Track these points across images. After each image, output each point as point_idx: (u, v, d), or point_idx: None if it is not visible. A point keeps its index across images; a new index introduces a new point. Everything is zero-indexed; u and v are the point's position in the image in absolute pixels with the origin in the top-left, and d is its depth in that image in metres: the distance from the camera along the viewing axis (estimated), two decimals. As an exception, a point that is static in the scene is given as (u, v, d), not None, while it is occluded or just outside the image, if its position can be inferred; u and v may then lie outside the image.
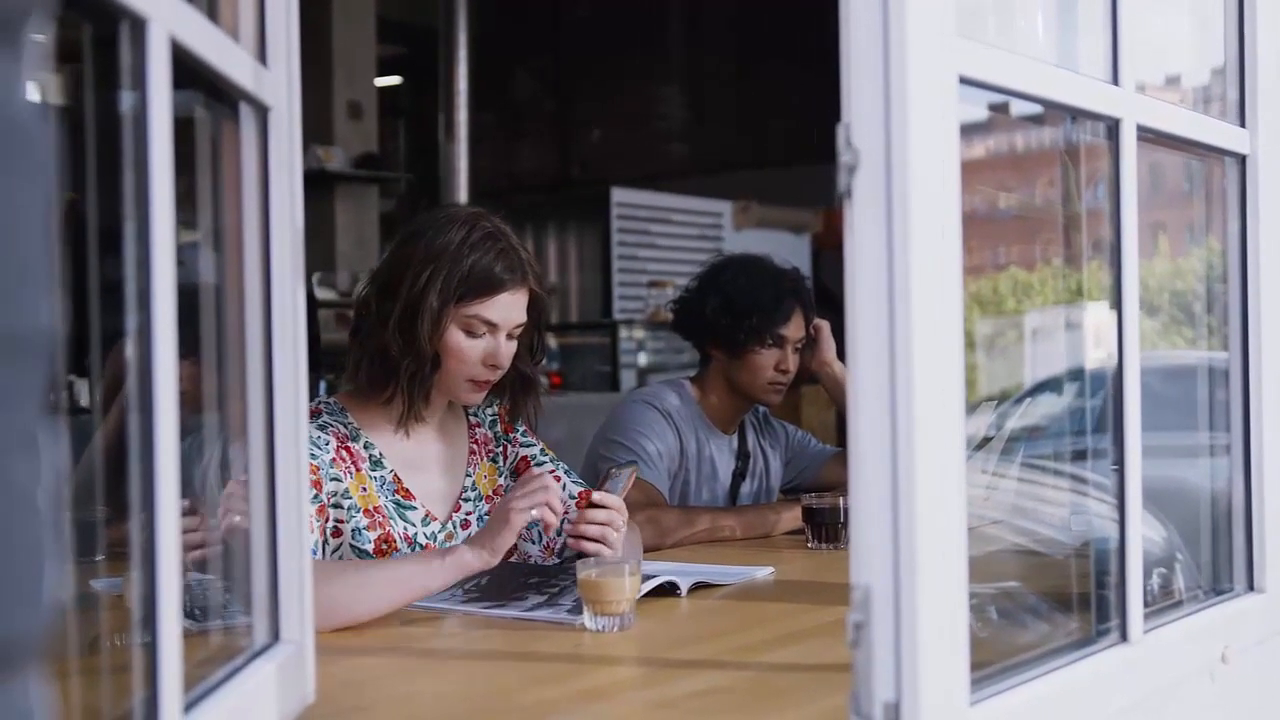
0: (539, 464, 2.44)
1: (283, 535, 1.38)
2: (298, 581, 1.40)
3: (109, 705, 1.17)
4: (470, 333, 2.21)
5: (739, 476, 3.15)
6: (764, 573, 2.37)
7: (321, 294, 6.97)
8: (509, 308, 2.24)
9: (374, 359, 2.22)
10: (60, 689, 0.72)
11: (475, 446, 2.40)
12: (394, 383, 2.22)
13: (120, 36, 1.00)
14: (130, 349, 1.02)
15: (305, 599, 1.41)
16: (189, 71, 1.12)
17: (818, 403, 6.69)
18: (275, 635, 1.38)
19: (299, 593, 1.40)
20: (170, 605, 1.02)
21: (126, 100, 1.02)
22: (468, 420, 2.42)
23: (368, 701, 1.59)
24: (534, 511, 1.99)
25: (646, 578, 2.04)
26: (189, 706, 1.10)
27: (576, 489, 2.40)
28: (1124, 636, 1.52)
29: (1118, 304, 1.54)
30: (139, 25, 1.00)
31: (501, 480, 2.41)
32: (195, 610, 1.35)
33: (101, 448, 1.96)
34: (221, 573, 1.46)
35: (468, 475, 2.36)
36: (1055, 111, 1.60)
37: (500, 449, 2.44)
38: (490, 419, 2.45)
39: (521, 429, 2.47)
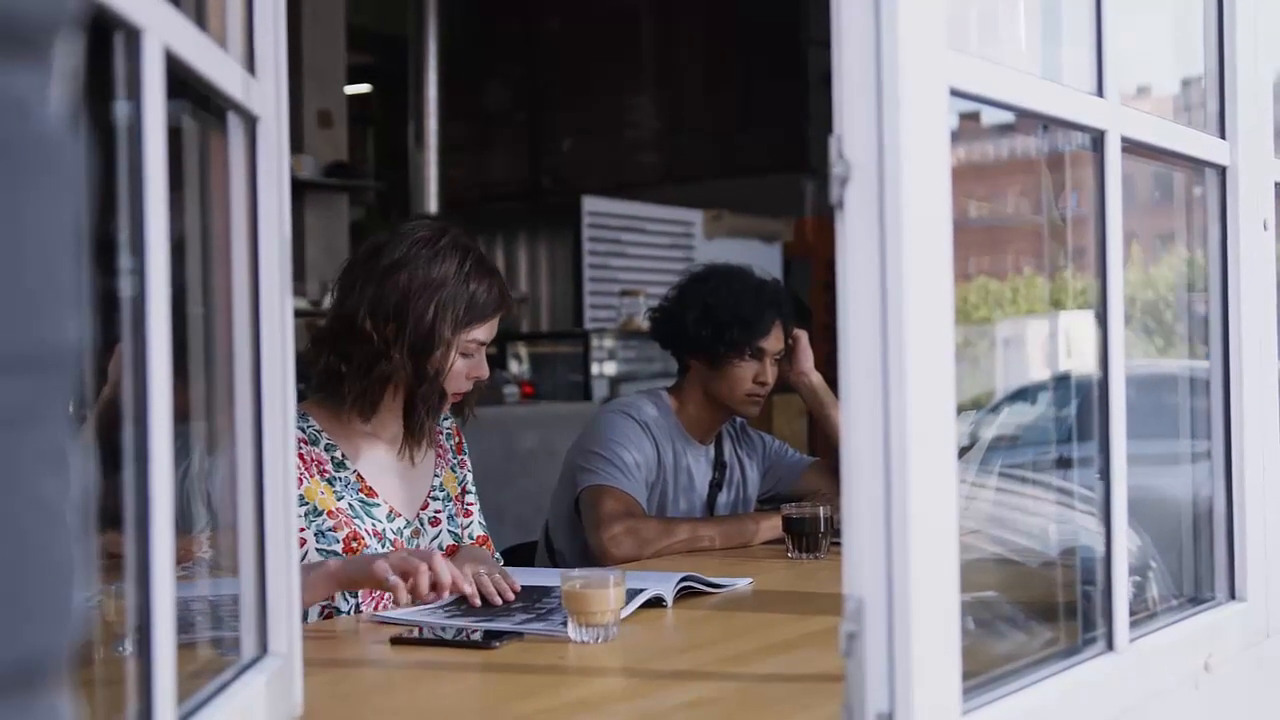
0: (468, 492, 2.54)
1: (270, 548, 1.38)
2: (286, 594, 1.39)
3: (99, 718, 1.16)
4: (465, 354, 2.32)
5: (716, 487, 3.15)
6: (744, 583, 2.37)
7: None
8: (495, 326, 2.36)
9: (377, 385, 2.28)
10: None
11: (440, 450, 2.48)
12: (375, 405, 2.30)
13: (114, 46, 1.00)
14: (124, 360, 1.02)
15: (294, 612, 1.40)
16: (178, 81, 1.12)
17: (788, 412, 6.71)
18: (263, 648, 1.37)
19: (287, 606, 1.39)
20: (165, 619, 1.01)
21: (120, 110, 1.01)
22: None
23: (355, 715, 1.59)
24: (391, 578, 1.96)
25: (632, 591, 2.04)
26: (180, 721, 1.09)
27: (479, 531, 2.47)
28: (1110, 645, 1.53)
29: (1103, 314, 1.55)
30: (134, 35, 0.99)
31: (460, 488, 2.50)
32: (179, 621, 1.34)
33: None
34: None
35: (435, 475, 2.45)
36: (1027, 120, 1.61)
37: (458, 460, 2.53)
38: (446, 432, 2.53)
39: (461, 456, 2.54)
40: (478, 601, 2.08)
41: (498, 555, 2.52)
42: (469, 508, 2.51)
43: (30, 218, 0.57)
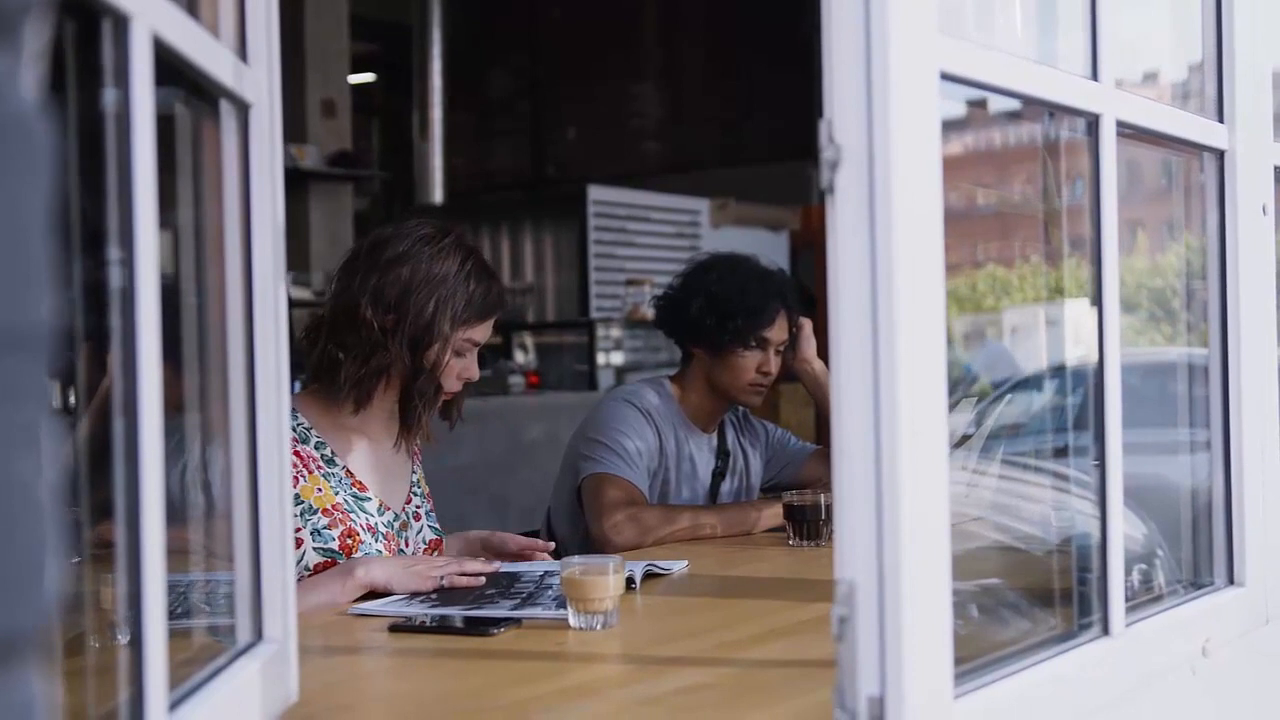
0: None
1: (265, 535, 1.38)
2: (280, 580, 1.39)
3: (93, 705, 1.17)
4: (458, 353, 2.34)
5: (719, 475, 3.15)
6: (680, 565, 2.39)
7: (295, 293, 6.95)
8: (490, 329, 2.39)
9: (373, 375, 2.29)
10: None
11: (416, 450, 2.51)
12: (369, 396, 2.31)
13: (102, 33, 1.00)
14: (112, 350, 1.02)
15: (288, 598, 1.40)
16: (169, 68, 1.12)
17: (795, 400, 6.71)
18: (258, 634, 1.37)
19: (282, 592, 1.39)
20: (155, 606, 1.01)
21: (108, 97, 1.02)
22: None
23: (350, 701, 1.59)
24: (444, 582, 2.14)
25: None
26: (173, 705, 1.09)
27: (431, 535, 2.48)
28: (1106, 630, 1.53)
29: (1098, 300, 1.55)
30: (121, 22, 0.99)
31: (427, 487, 2.55)
32: (174, 608, 1.35)
33: (80, 448, 1.97)
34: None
35: (414, 472, 2.49)
36: (1034, 107, 1.61)
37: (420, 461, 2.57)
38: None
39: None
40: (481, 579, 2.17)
41: None
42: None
43: (0, 199, 0.57)
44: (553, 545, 2.51)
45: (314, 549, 2.23)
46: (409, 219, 2.40)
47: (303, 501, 2.23)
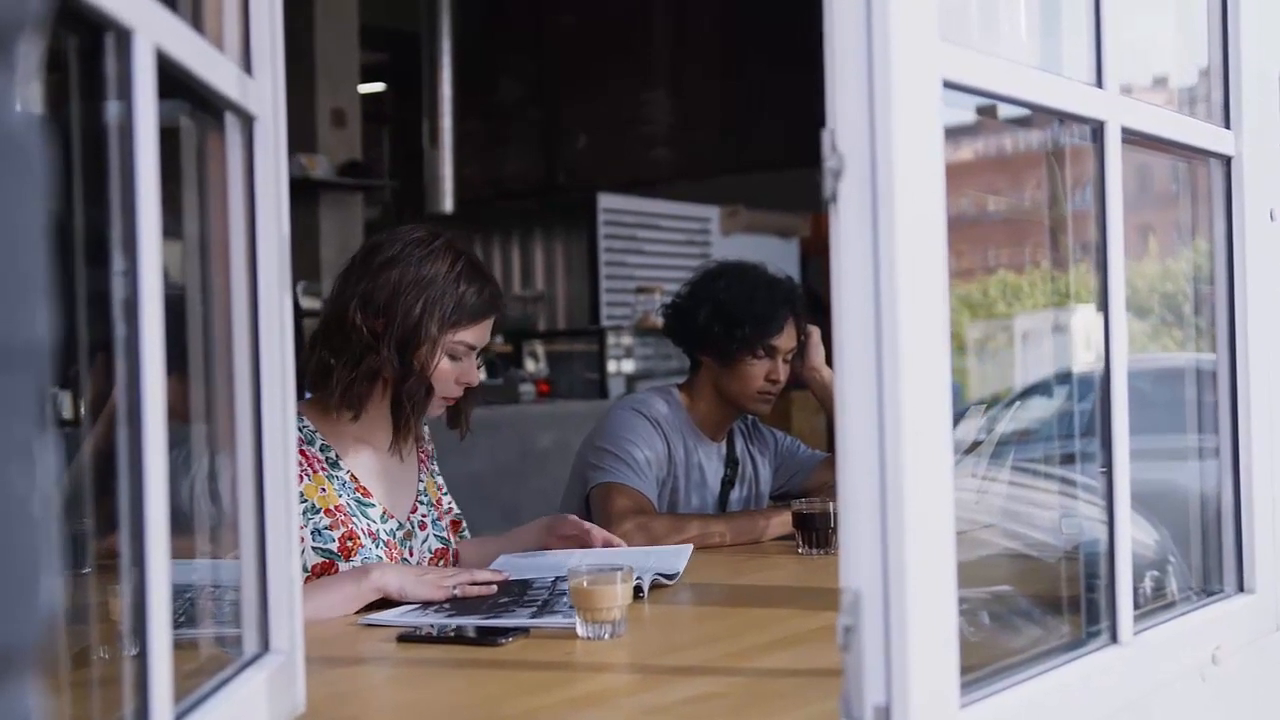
0: (444, 492, 2.58)
1: (271, 545, 1.38)
2: (287, 592, 1.40)
3: (100, 716, 1.17)
4: (453, 357, 2.33)
5: (728, 483, 3.15)
6: (685, 552, 2.43)
7: (306, 303, 6.95)
8: (487, 331, 2.38)
9: (364, 379, 2.29)
10: (50, 701, 0.72)
11: (423, 457, 2.52)
12: (366, 401, 2.31)
13: (105, 47, 1.00)
14: (117, 361, 1.02)
15: (295, 609, 1.40)
16: (173, 81, 1.12)
17: (807, 408, 6.70)
18: (265, 645, 1.38)
19: (288, 603, 1.40)
20: (160, 618, 1.02)
21: (111, 110, 1.02)
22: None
23: (357, 712, 1.59)
24: (456, 591, 2.14)
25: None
26: (179, 717, 1.10)
27: (437, 545, 2.49)
28: (1114, 638, 1.52)
29: (1104, 306, 1.54)
30: (124, 36, 1.00)
31: (440, 494, 2.54)
32: (180, 618, 1.35)
33: (89, 461, 1.97)
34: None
35: (420, 480, 2.48)
36: (1040, 114, 1.61)
37: (434, 466, 2.57)
38: (426, 437, 2.58)
39: (433, 465, 2.57)
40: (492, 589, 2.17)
41: (465, 532, 2.60)
42: (450, 505, 2.57)
43: (-2, 215, 0.58)
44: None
45: (313, 548, 2.24)
46: (404, 225, 2.41)
47: (305, 500, 2.24)
